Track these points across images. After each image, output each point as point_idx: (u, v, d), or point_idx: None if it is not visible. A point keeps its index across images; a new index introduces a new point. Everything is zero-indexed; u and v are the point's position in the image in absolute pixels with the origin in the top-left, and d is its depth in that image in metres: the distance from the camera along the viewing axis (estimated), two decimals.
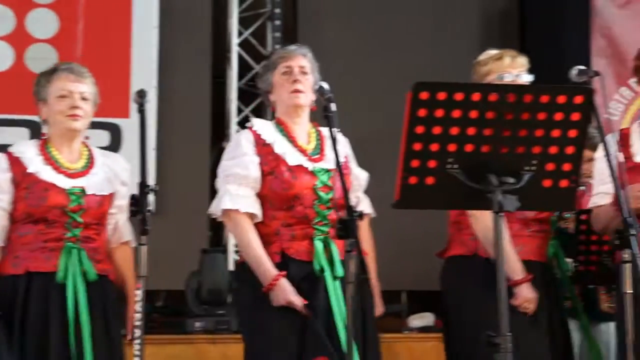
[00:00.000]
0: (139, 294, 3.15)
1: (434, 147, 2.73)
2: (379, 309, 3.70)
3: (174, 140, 6.42)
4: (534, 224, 3.69)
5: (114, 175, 3.74)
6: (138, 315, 3.16)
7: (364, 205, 3.71)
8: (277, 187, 3.52)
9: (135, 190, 3.23)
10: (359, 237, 3.05)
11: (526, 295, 3.55)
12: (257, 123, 3.67)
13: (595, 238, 3.96)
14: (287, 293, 3.38)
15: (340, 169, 3.20)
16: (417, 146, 2.72)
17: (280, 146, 3.58)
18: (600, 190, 3.52)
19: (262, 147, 3.58)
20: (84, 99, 3.67)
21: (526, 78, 3.70)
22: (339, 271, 3.45)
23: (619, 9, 7.51)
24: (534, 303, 3.56)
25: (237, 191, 3.51)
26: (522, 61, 3.75)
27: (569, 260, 4.10)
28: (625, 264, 2.87)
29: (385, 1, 7.24)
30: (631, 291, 2.87)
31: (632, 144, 3.56)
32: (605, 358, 4.30)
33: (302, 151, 3.60)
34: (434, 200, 2.82)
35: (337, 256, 3.48)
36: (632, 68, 3.69)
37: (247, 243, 3.49)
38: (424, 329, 5.95)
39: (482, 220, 3.52)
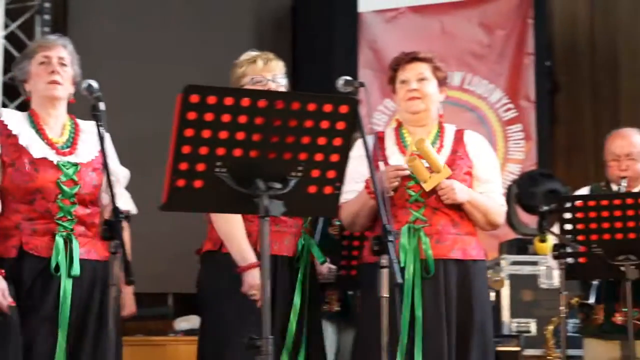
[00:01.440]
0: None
1: (203, 150, 2.73)
2: (130, 308, 3.66)
3: None
4: (283, 220, 3.72)
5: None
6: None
7: (124, 201, 3.66)
8: (18, 180, 3.43)
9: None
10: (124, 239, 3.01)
11: (251, 282, 3.56)
12: (5, 113, 3.56)
13: (357, 244, 4.08)
14: None
15: (107, 168, 3.13)
16: (186, 149, 2.72)
17: (26, 138, 3.48)
18: (352, 188, 3.64)
19: (7, 138, 3.47)
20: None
21: (281, 82, 3.75)
22: (76, 270, 3.38)
23: (385, 23, 7.84)
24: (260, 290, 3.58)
25: None
26: (276, 65, 3.79)
27: (332, 266, 4.20)
28: (383, 269, 2.98)
29: (159, 3, 7.19)
30: (387, 295, 2.98)
31: (387, 147, 3.73)
32: None
33: (51, 144, 3.51)
34: (202, 203, 2.83)
35: (76, 254, 3.41)
36: (388, 78, 3.85)
37: None
38: (189, 332, 5.95)
39: (220, 215, 3.57)
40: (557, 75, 8.97)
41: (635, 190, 4.25)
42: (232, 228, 3.62)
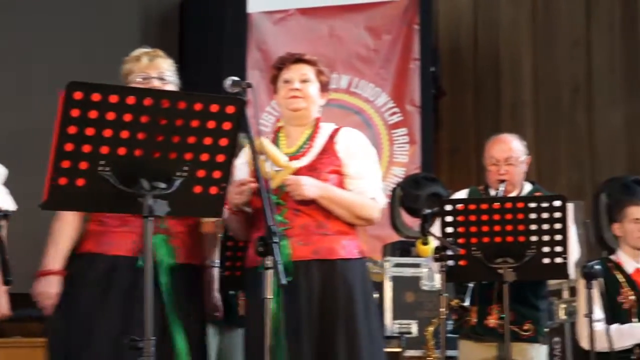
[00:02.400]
0: None
1: (86, 148, 2.69)
2: (2, 310, 3.58)
3: None
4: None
5: None
6: None
7: (2, 199, 3.57)
8: None
9: None
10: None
11: (39, 289, 3.51)
12: None
13: (242, 244, 4.07)
14: None
15: None
16: (69, 147, 2.67)
17: None
18: None
19: None
20: None
21: (169, 79, 3.68)
22: None
23: (274, 24, 7.85)
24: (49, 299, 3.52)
25: None
26: (163, 62, 3.72)
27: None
28: (267, 270, 2.99)
29: None
30: (272, 296, 2.99)
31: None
32: None
33: None
34: (85, 202, 2.79)
35: None
36: (271, 77, 3.86)
37: None
38: None
39: (58, 212, 3.53)
40: (441, 80, 9.15)
41: (513, 194, 4.37)
42: (58, 229, 3.56)
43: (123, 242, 3.50)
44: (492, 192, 4.40)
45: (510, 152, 4.41)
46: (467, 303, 4.13)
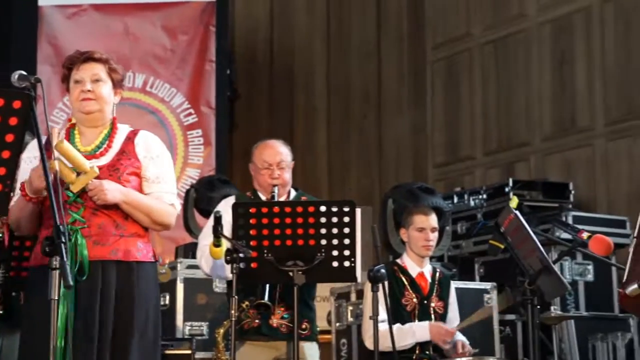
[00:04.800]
0: None
1: None
2: None
3: None
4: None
5: None
6: None
7: None
8: None
9: None
10: None
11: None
12: None
13: (29, 244, 3.96)
14: None
15: None
16: None
17: None
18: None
19: None
20: None
21: None
22: None
23: (67, 19, 7.65)
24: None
25: None
26: None
27: None
28: (54, 271, 2.91)
29: None
30: (57, 298, 2.92)
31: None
32: None
33: None
34: None
35: None
36: (61, 76, 3.77)
37: None
38: None
39: None
40: (237, 83, 9.20)
41: (283, 198, 4.45)
42: None
43: None
44: (263, 197, 4.46)
45: (281, 156, 4.48)
46: (266, 299, 4.18)
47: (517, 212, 3.86)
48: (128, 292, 3.52)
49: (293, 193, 4.57)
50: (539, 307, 3.77)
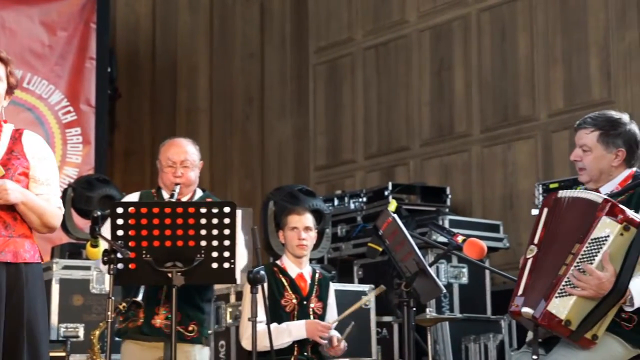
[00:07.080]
0: None
1: None
2: None
3: None
4: None
5: None
6: None
7: None
8: None
9: None
10: None
11: None
12: None
13: None
14: None
15: None
16: None
17: None
18: None
19: None
20: None
21: None
22: None
23: None
24: None
25: None
26: None
27: None
28: None
29: None
30: None
31: None
32: None
33: None
34: None
35: None
36: None
37: None
38: None
39: None
40: (118, 82, 9.08)
41: (186, 198, 4.43)
42: None
43: None
44: (166, 195, 4.45)
45: (186, 155, 4.49)
46: (139, 298, 4.15)
47: (395, 216, 3.92)
48: (18, 293, 3.49)
49: (199, 193, 4.55)
50: (414, 309, 3.84)
